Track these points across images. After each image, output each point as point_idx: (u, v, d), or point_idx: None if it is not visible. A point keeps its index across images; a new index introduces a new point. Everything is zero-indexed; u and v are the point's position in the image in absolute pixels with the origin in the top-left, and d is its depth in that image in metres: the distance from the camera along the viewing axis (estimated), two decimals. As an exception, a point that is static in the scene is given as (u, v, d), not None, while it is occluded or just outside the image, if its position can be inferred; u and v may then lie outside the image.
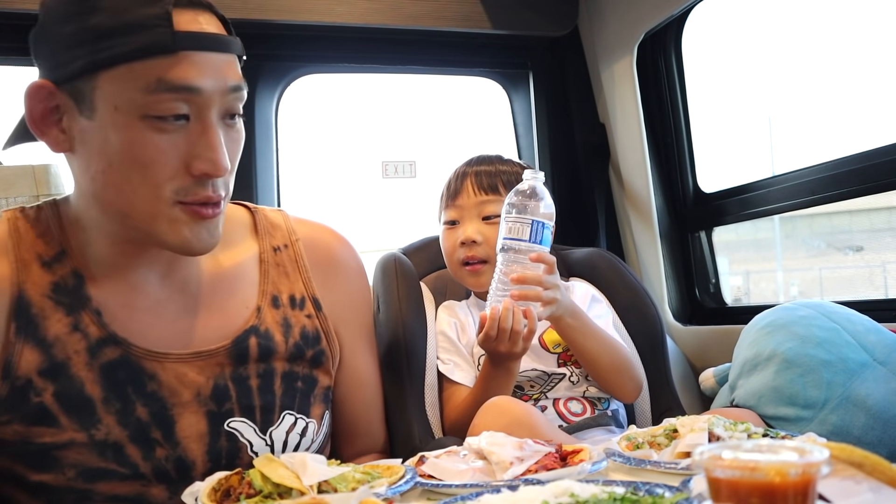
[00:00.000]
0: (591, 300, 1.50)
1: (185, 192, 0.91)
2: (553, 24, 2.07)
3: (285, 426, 1.05)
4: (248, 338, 1.04)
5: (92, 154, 0.90)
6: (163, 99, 0.87)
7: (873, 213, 5.17)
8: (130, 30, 0.85)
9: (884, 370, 1.22)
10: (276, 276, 1.10)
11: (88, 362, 0.94)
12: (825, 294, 9.24)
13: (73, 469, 0.92)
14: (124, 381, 0.95)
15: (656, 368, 1.52)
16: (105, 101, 0.87)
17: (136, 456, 0.95)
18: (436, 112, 2.69)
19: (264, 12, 1.81)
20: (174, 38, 0.86)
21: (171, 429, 0.97)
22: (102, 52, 0.85)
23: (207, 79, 0.89)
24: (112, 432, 0.94)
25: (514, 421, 1.11)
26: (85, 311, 0.95)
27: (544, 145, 2.16)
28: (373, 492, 0.79)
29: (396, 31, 1.97)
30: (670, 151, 2.02)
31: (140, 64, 0.86)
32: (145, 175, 0.89)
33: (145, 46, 0.86)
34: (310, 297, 1.12)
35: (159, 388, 0.97)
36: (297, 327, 1.09)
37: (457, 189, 1.45)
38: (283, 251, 1.12)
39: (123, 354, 0.96)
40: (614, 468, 0.93)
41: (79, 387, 0.93)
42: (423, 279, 1.60)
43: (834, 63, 5.59)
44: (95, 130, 0.89)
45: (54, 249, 0.97)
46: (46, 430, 0.92)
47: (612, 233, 2.11)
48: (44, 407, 0.92)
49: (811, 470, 0.53)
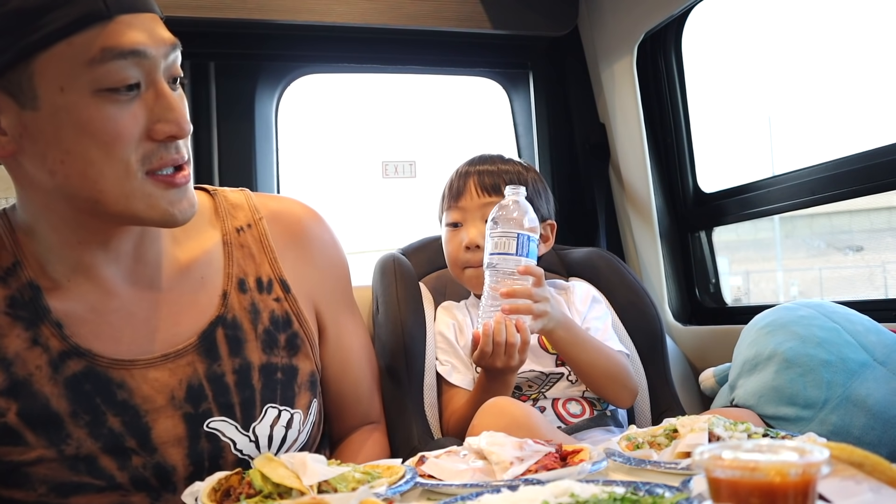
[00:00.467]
0: (591, 301, 1.50)
1: (151, 158, 0.86)
2: (553, 24, 2.07)
3: (269, 420, 1.02)
4: (214, 331, 0.99)
5: (46, 146, 0.84)
6: (112, 69, 0.82)
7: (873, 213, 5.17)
8: (57, 4, 0.80)
9: (884, 370, 1.22)
10: (240, 258, 1.05)
11: (52, 377, 0.90)
12: (825, 294, 9.23)
13: (43, 485, 0.89)
14: (91, 392, 0.91)
15: (656, 368, 1.52)
16: (47, 85, 0.81)
17: (110, 467, 0.91)
18: (436, 112, 2.69)
19: (264, 12, 1.81)
20: (106, 4, 0.81)
21: (146, 436, 0.93)
22: (33, 33, 0.79)
23: (149, 40, 0.84)
24: (83, 445, 0.90)
25: (512, 422, 1.11)
26: (44, 324, 0.91)
27: (544, 145, 2.16)
28: (373, 492, 0.79)
29: (396, 31, 1.97)
30: (670, 151, 2.02)
31: (78, 37, 0.80)
32: (108, 152, 0.84)
33: (80, 17, 0.80)
34: (277, 278, 1.07)
35: (130, 397, 0.93)
36: (266, 312, 1.04)
37: (459, 190, 1.45)
38: (246, 231, 1.07)
39: (88, 366, 0.92)
40: (614, 468, 0.93)
41: (43, 402, 0.90)
42: (422, 279, 1.60)
43: (834, 63, 5.59)
44: (44, 120, 0.83)
45: (7, 262, 0.92)
46: (13, 448, 0.89)
47: (612, 233, 2.11)
48: (8, 426, 0.88)
49: (811, 470, 0.53)
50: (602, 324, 1.47)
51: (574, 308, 1.49)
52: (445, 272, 1.62)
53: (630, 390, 1.39)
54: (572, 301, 1.50)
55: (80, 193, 0.86)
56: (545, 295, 1.27)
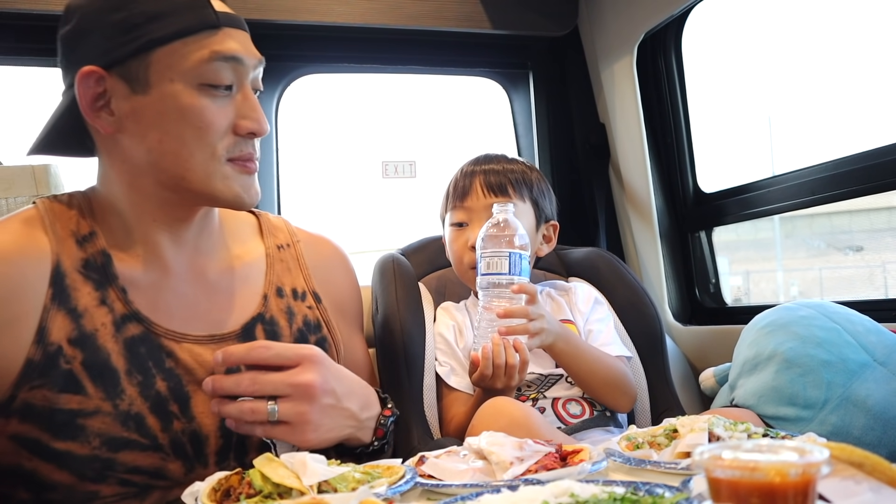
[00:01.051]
0: (593, 303, 1.50)
1: (233, 150, 1.02)
2: (553, 24, 2.07)
3: None
4: (255, 325, 1.11)
5: (148, 127, 0.99)
6: (214, 68, 0.99)
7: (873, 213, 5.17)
8: (178, 11, 0.97)
9: (884, 371, 1.22)
10: (280, 271, 1.18)
11: (114, 335, 1.00)
12: (825, 294, 9.23)
13: (97, 438, 0.96)
14: (145, 355, 1.01)
15: (656, 368, 1.52)
16: (160, 75, 0.97)
17: (155, 427, 0.99)
18: (436, 112, 2.69)
19: (264, 12, 1.81)
20: (217, 17, 1.00)
21: (186, 404, 1.03)
22: (156, 31, 0.96)
23: (245, 52, 1.02)
24: (134, 403, 0.99)
25: (512, 422, 1.11)
26: (112, 287, 1.02)
27: (544, 145, 2.16)
28: (373, 492, 0.79)
29: (396, 31, 1.97)
30: (670, 151, 2.02)
31: (192, 38, 0.98)
32: (200, 137, 0.99)
33: (196, 24, 0.98)
34: (310, 291, 1.20)
35: (176, 366, 1.03)
36: (300, 315, 1.16)
37: (465, 189, 1.44)
38: (285, 249, 1.21)
39: (144, 331, 1.02)
40: (614, 468, 0.93)
41: (105, 357, 0.99)
42: (421, 280, 1.59)
43: (834, 63, 5.59)
44: (151, 104, 0.98)
45: (85, 230, 1.04)
46: (74, 397, 0.96)
47: (612, 233, 2.11)
48: (72, 374, 0.96)
49: (811, 470, 0.53)
50: (605, 326, 1.47)
51: (576, 309, 1.49)
52: (445, 272, 1.62)
53: (629, 396, 1.39)
54: (574, 303, 1.50)
55: (170, 170, 1.00)
56: (541, 312, 1.28)
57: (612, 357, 1.40)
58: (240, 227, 1.20)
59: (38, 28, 1.74)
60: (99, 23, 0.98)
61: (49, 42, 1.07)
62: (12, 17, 1.68)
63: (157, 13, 0.97)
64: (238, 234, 1.18)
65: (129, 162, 1.03)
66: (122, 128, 1.00)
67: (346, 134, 2.89)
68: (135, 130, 1.00)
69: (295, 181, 2.09)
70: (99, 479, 0.96)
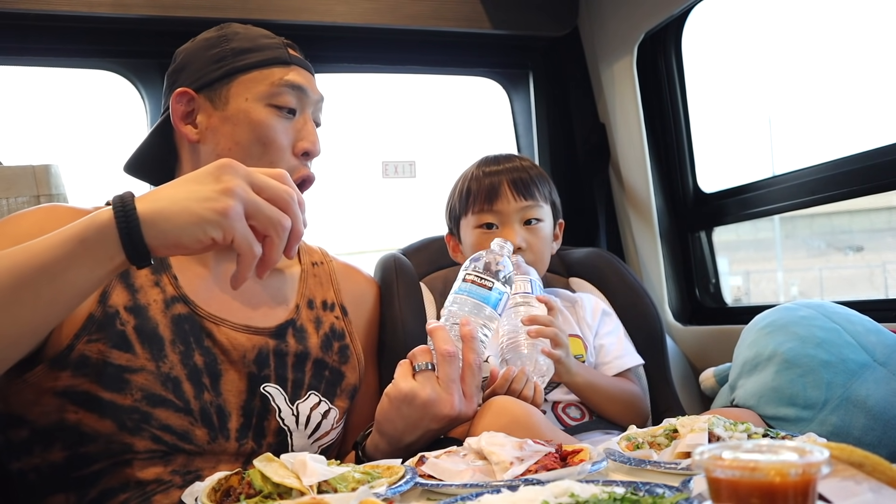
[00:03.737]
0: (601, 314, 1.50)
1: (292, 170, 1.18)
2: (553, 24, 2.07)
3: (310, 403, 1.20)
4: (287, 328, 1.22)
5: (222, 137, 1.17)
6: (283, 92, 1.19)
7: (873, 213, 5.17)
8: (260, 49, 1.20)
9: (884, 371, 1.22)
10: (313, 285, 1.31)
11: (163, 311, 1.12)
12: (825, 294, 9.24)
13: (139, 391, 1.06)
14: (188, 332, 1.13)
15: (656, 368, 1.52)
16: (238, 95, 1.17)
17: (189, 393, 1.10)
18: (436, 112, 2.69)
19: (264, 12, 1.81)
20: (289, 56, 1.22)
21: (217, 380, 1.13)
22: (240, 62, 1.19)
23: (309, 85, 1.23)
24: (174, 368, 1.09)
25: (513, 421, 1.11)
26: (165, 273, 1.15)
27: (544, 145, 2.16)
28: (373, 492, 0.79)
29: (396, 31, 1.97)
30: (670, 151, 2.02)
31: (267, 69, 1.19)
32: (265, 149, 1.17)
33: (272, 59, 1.20)
34: (339, 304, 1.32)
35: (213, 345, 1.14)
36: (327, 324, 1.28)
37: (492, 192, 1.43)
38: (319, 266, 1.34)
39: (190, 312, 1.14)
40: (614, 468, 0.94)
41: (154, 326, 1.10)
42: (422, 279, 1.60)
43: (834, 63, 5.60)
44: (227, 117, 1.17)
45: None
46: (124, 354, 1.07)
47: (612, 233, 2.11)
48: (125, 335, 1.08)
49: (811, 470, 0.53)
50: (615, 338, 1.47)
51: (584, 323, 1.48)
52: (446, 272, 1.62)
53: (643, 416, 1.42)
54: (582, 316, 1.49)
55: None
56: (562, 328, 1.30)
57: (625, 383, 1.42)
58: None
59: (39, 28, 1.75)
60: (197, 57, 1.20)
61: (49, 42, 1.08)
62: (12, 17, 1.68)
63: (244, 49, 1.19)
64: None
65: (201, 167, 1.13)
66: (203, 138, 1.19)
67: (346, 134, 2.89)
68: (212, 139, 1.18)
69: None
70: (135, 431, 1.05)
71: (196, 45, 1.23)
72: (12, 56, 1.83)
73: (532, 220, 1.43)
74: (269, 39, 1.23)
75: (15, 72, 1.93)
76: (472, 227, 1.46)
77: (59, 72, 1.93)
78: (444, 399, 1.09)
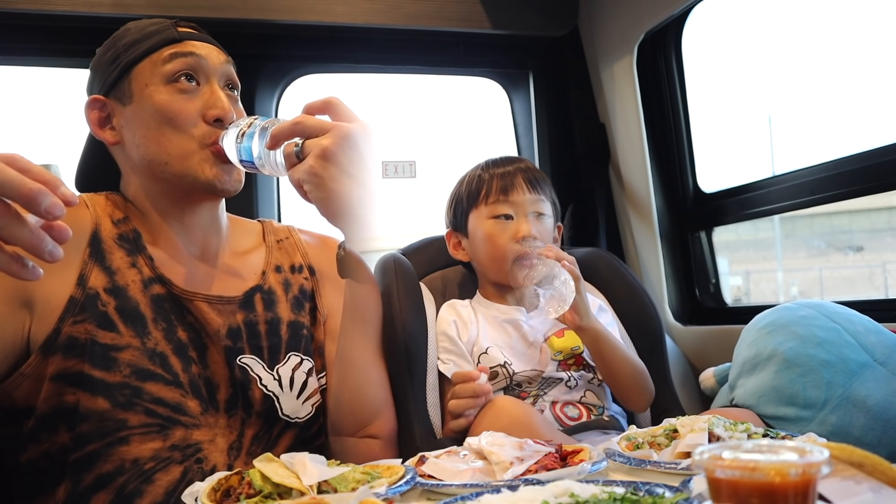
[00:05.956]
0: (597, 310, 1.50)
1: (206, 136, 1.17)
2: (553, 24, 2.07)
3: (291, 364, 1.23)
4: (254, 294, 1.26)
5: (136, 127, 1.18)
6: (176, 63, 1.18)
7: (873, 213, 5.17)
8: (148, 36, 1.20)
9: (884, 371, 1.22)
10: (278, 254, 1.35)
11: (143, 290, 1.16)
12: (825, 294, 9.24)
13: (128, 367, 1.10)
14: (169, 310, 1.17)
15: (656, 368, 1.52)
16: (139, 86, 1.18)
17: (177, 366, 1.14)
18: (436, 112, 2.69)
19: (264, 12, 1.81)
20: (178, 33, 1.22)
21: (203, 353, 1.17)
22: (132, 54, 1.19)
23: (204, 51, 1.21)
24: (160, 344, 1.14)
25: (513, 421, 1.11)
26: (141, 255, 1.19)
27: (544, 145, 2.16)
28: (373, 492, 0.79)
29: (396, 31, 1.97)
30: (670, 151, 2.02)
31: (156, 53, 1.19)
32: (175, 125, 1.16)
33: (160, 41, 1.20)
34: (306, 265, 1.35)
35: (195, 321, 1.18)
36: (296, 285, 1.31)
37: (507, 184, 1.49)
38: (284, 241, 1.37)
39: (168, 291, 1.18)
40: (614, 468, 0.94)
41: (135, 305, 1.14)
42: (422, 279, 1.59)
43: (834, 62, 5.60)
44: (135, 109, 1.18)
45: (120, 215, 1.22)
46: (108, 333, 1.11)
47: (612, 233, 2.11)
48: (107, 315, 1.12)
49: (811, 470, 0.53)
50: (612, 331, 1.47)
51: None
52: (446, 272, 1.62)
53: (649, 393, 1.43)
54: None
55: (156, 158, 1.17)
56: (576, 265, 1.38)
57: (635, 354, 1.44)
58: (246, 233, 1.35)
59: (39, 28, 1.75)
60: (98, 64, 1.23)
61: (49, 42, 1.08)
62: (12, 17, 1.68)
63: (134, 41, 1.20)
64: (243, 239, 1.33)
65: (131, 164, 1.22)
66: (122, 137, 1.21)
67: (346, 134, 2.88)
68: (129, 136, 1.20)
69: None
70: (128, 406, 1.09)
71: (97, 54, 1.25)
72: (12, 56, 1.83)
73: (541, 212, 1.48)
74: (157, 25, 1.23)
75: (15, 72, 1.93)
76: (485, 219, 1.49)
77: (59, 72, 1.93)
78: None
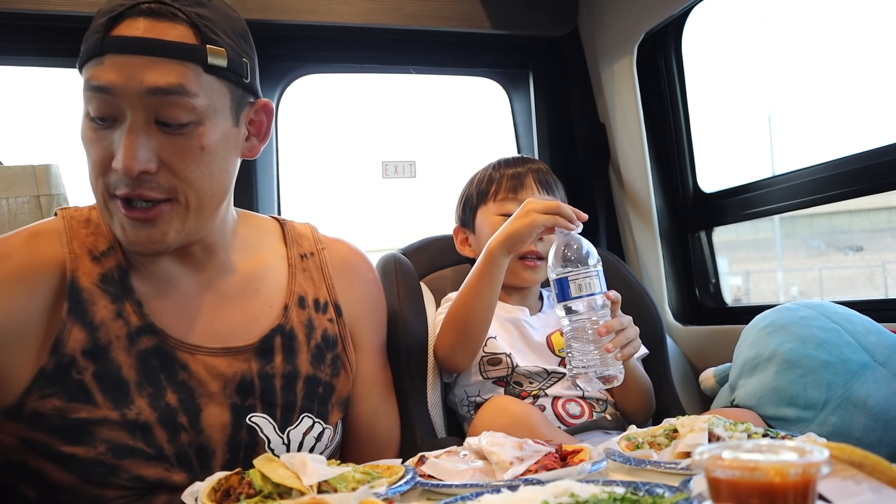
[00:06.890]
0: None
1: (114, 186, 0.95)
2: (553, 24, 2.07)
3: (303, 428, 1.10)
4: (273, 337, 1.10)
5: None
6: (90, 98, 0.93)
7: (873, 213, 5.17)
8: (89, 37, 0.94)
9: (884, 371, 1.22)
10: (303, 280, 1.17)
11: (127, 348, 1.01)
12: (825, 294, 9.23)
13: (104, 444, 0.97)
14: (158, 367, 1.02)
15: (656, 368, 1.52)
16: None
17: (162, 438, 1.00)
18: (436, 112, 2.69)
19: (264, 12, 1.81)
20: (103, 44, 0.92)
21: (196, 417, 1.02)
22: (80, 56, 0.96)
23: (123, 80, 0.91)
24: (143, 413, 0.99)
25: (514, 421, 1.11)
26: (128, 300, 1.02)
27: (544, 145, 2.16)
28: (373, 492, 0.79)
29: (396, 31, 1.97)
30: (670, 151, 2.02)
31: (85, 69, 0.95)
32: (92, 168, 0.97)
33: (84, 54, 0.95)
34: (332, 302, 1.19)
35: (189, 379, 1.03)
36: (319, 330, 1.15)
37: (518, 183, 1.49)
38: (309, 258, 1.20)
39: (158, 344, 1.02)
40: (614, 468, 0.94)
41: (116, 369, 0.99)
42: (423, 279, 1.60)
43: (834, 62, 5.60)
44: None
45: (104, 246, 1.04)
46: (83, 406, 0.97)
47: (612, 233, 2.11)
48: (83, 384, 0.97)
49: (811, 470, 0.53)
50: None
51: None
52: (446, 272, 1.62)
53: (652, 407, 1.44)
54: None
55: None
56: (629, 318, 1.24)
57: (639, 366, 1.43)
58: (262, 236, 1.18)
59: (39, 28, 1.74)
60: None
61: (49, 42, 1.07)
62: (12, 17, 1.68)
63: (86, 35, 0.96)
64: (259, 243, 1.16)
65: None
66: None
67: (346, 134, 2.89)
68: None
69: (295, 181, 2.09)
70: (102, 484, 0.97)
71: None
72: (12, 56, 1.83)
73: None
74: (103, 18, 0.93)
75: (15, 72, 1.93)
76: (493, 215, 1.49)
77: (59, 72, 1.93)
78: None
